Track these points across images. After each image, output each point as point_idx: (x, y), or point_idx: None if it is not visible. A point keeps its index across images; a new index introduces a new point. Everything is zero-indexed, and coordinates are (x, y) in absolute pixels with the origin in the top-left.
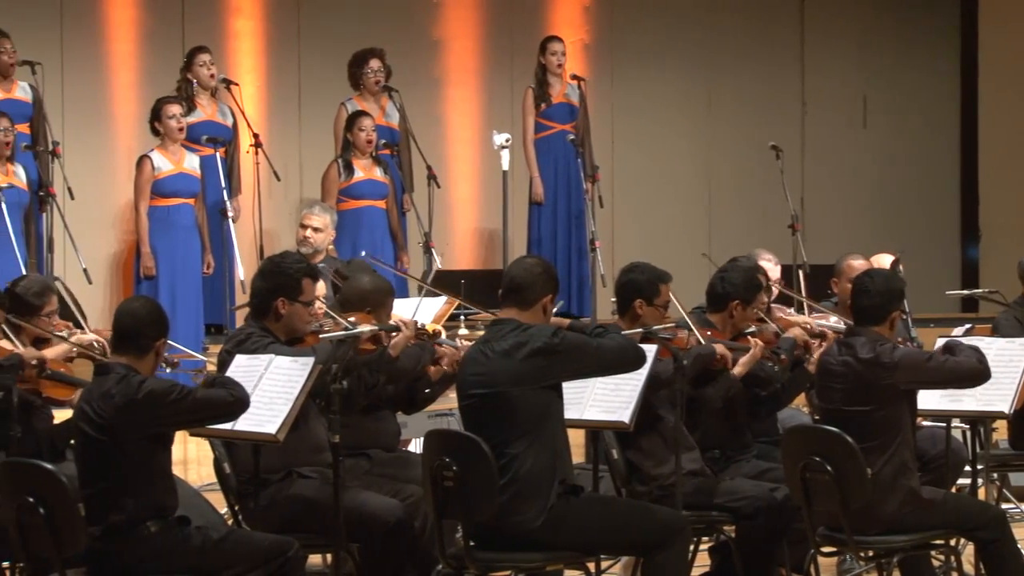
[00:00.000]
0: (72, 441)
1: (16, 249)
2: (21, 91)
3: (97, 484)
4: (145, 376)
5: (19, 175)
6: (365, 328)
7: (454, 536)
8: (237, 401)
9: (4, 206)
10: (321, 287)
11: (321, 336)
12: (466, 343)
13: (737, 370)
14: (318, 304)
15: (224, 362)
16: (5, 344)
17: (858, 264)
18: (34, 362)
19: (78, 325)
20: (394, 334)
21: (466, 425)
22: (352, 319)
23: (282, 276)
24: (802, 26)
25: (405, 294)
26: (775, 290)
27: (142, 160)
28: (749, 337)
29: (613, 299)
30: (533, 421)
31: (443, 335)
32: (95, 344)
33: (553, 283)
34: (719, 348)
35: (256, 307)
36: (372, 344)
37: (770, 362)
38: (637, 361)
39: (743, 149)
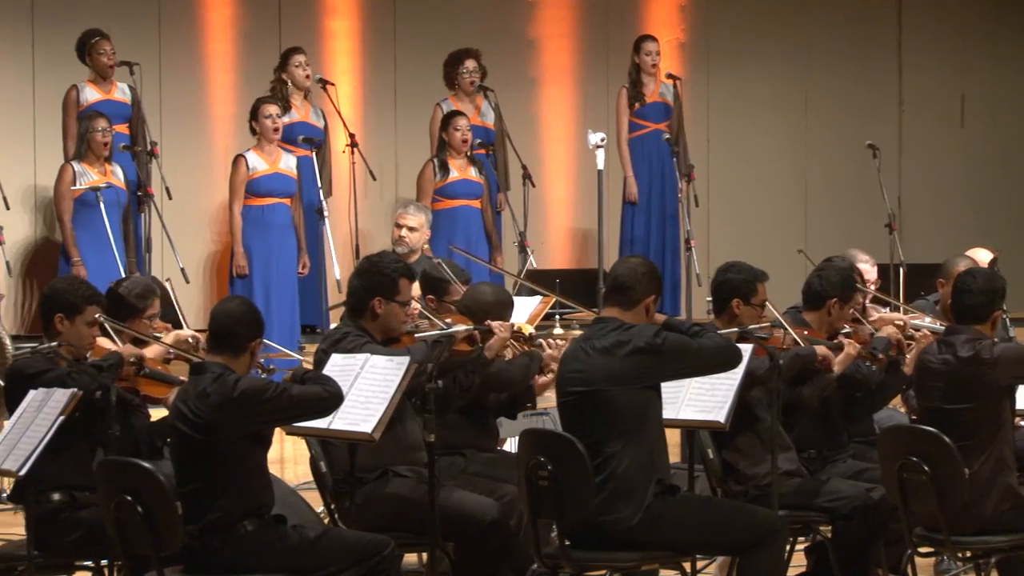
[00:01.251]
0: (168, 440)
1: (114, 249)
2: (120, 92)
3: (194, 483)
4: (240, 375)
5: (118, 175)
6: (460, 328)
7: (549, 535)
8: (332, 396)
9: (103, 206)
10: (416, 288)
11: (417, 336)
12: (561, 343)
13: (834, 370)
14: (414, 304)
15: (320, 361)
16: (105, 343)
17: (965, 266)
18: (132, 360)
19: (179, 326)
20: (491, 335)
21: (564, 423)
22: (448, 320)
23: (379, 275)
24: (899, 26)
25: None
26: (871, 290)
27: (237, 160)
28: (843, 337)
29: (709, 299)
30: (632, 420)
31: (535, 337)
32: (190, 340)
33: (657, 283)
34: (820, 350)
35: (353, 306)
36: (468, 345)
37: (867, 362)
38: (734, 361)
39: (839, 148)
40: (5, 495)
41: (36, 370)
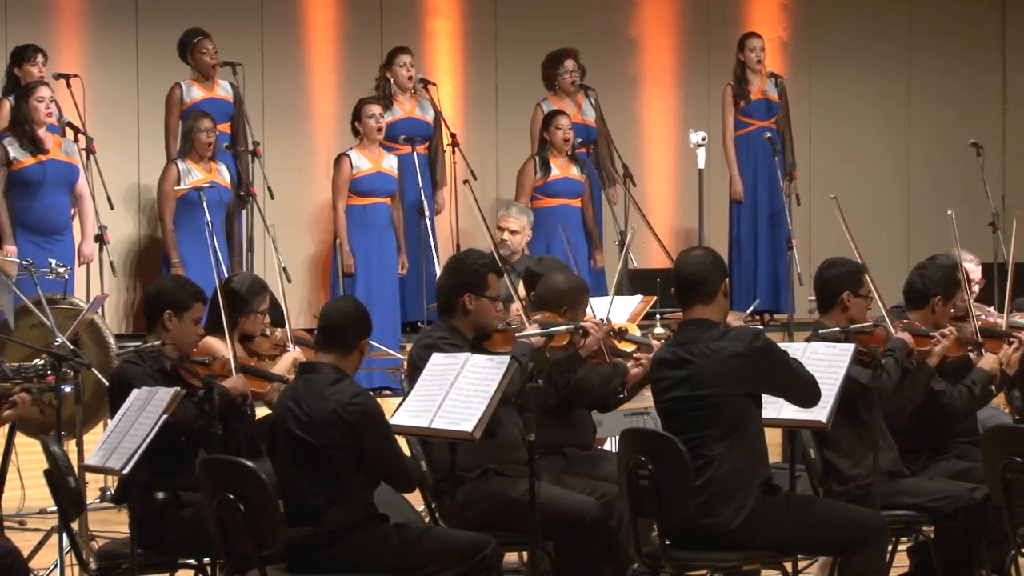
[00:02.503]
0: (267, 438)
1: (217, 248)
2: (222, 90)
3: (299, 482)
4: (361, 389)
5: (222, 174)
6: (560, 328)
7: (649, 535)
8: (411, 481)
9: (206, 205)
10: (520, 286)
11: (518, 335)
12: (656, 343)
13: (931, 361)
14: (515, 305)
15: (415, 364)
16: (212, 342)
17: None
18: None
19: (279, 324)
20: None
21: (665, 426)
22: (537, 317)
23: (467, 272)
24: (1004, 23)
25: (602, 291)
26: (976, 289)
27: (340, 159)
28: (935, 333)
29: (811, 298)
30: (733, 422)
31: (637, 333)
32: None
33: (725, 269)
34: (906, 337)
35: (443, 305)
36: (563, 343)
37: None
38: (816, 399)
39: (942, 147)
40: (108, 494)
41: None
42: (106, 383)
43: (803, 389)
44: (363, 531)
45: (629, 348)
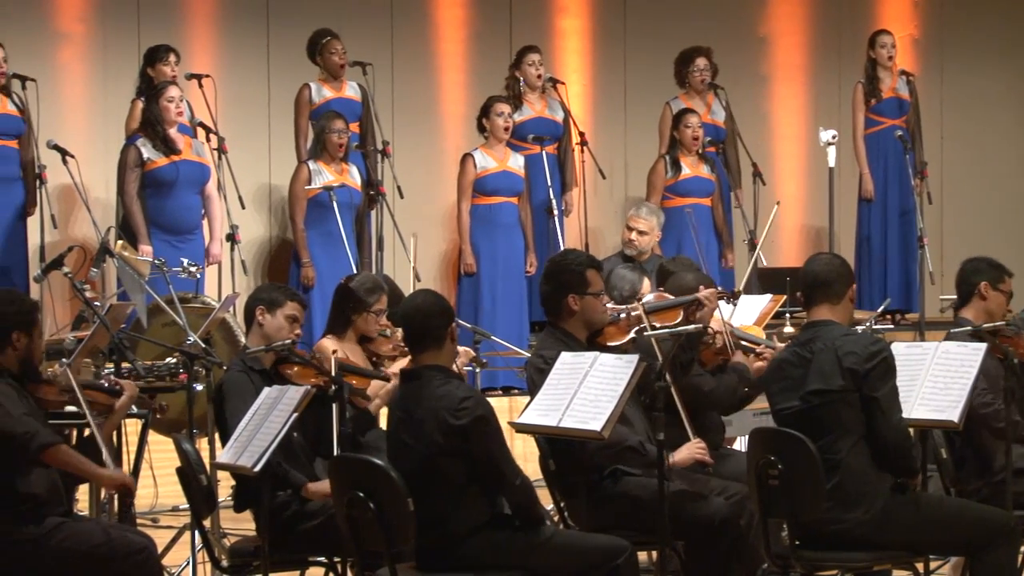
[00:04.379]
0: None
1: (347, 248)
2: (351, 90)
3: (417, 491)
4: (470, 390)
5: (352, 175)
6: (689, 328)
7: (779, 535)
8: (514, 495)
9: (336, 205)
10: (646, 285)
11: (649, 334)
12: (780, 344)
13: None
14: (638, 303)
15: (531, 384)
16: (326, 342)
17: None
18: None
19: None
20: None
21: (791, 425)
22: (650, 297)
23: (566, 273)
24: None
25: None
26: None
27: (465, 159)
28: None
29: (943, 297)
30: (857, 423)
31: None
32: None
33: (852, 273)
34: None
35: (550, 310)
36: (678, 320)
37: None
38: (897, 434)
39: None
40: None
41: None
42: None
43: (891, 415)
44: (487, 532)
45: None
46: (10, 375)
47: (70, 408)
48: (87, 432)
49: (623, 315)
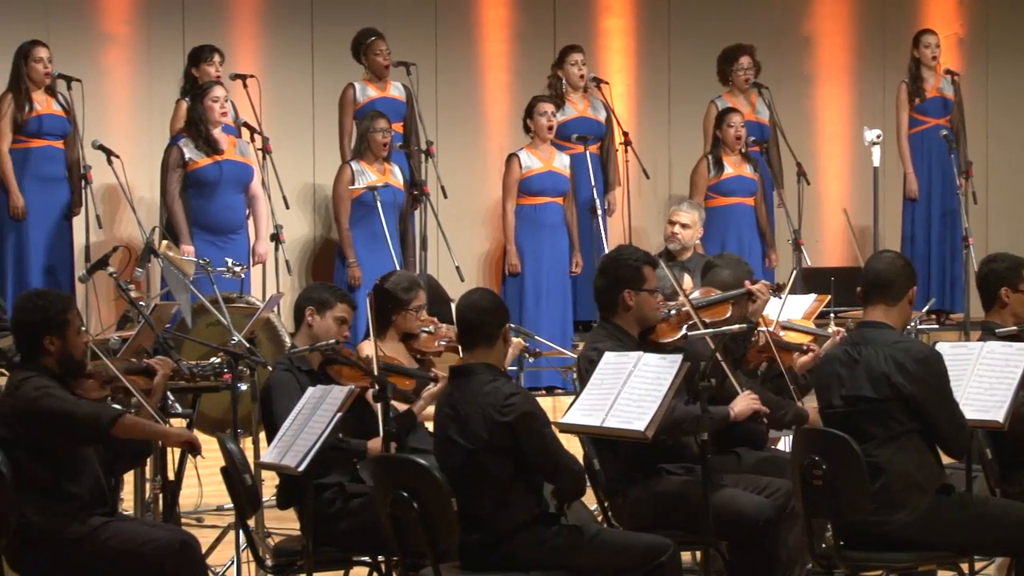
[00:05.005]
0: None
1: (391, 248)
2: (395, 90)
3: (462, 488)
4: (517, 387)
5: (395, 175)
6: (733, 327)
7: (823, 535)
8: (574, 481)
9: (380, 205)
10: (688, 282)
11: (690, 334)
12: (834, 329)
13: None
14: (682, 300)
15: (585, 369)
16: (366, 344)
17: None
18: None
19: (448, 321)
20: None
21: (836, 424)
22: (696, 295)
23: (623, 268)
24: None
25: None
26: None
27: (510, 159)
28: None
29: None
30: (908, 423)
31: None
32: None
33: (915, 276)
34: None
35: (603, 305)
36: (727, 315)
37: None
38: (958, 440)
39: None
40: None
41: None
42: None
43: (951, 422)
44: (532, 530)
45: (800, 340)
46: (52, 374)
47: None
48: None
49: (673, 312)
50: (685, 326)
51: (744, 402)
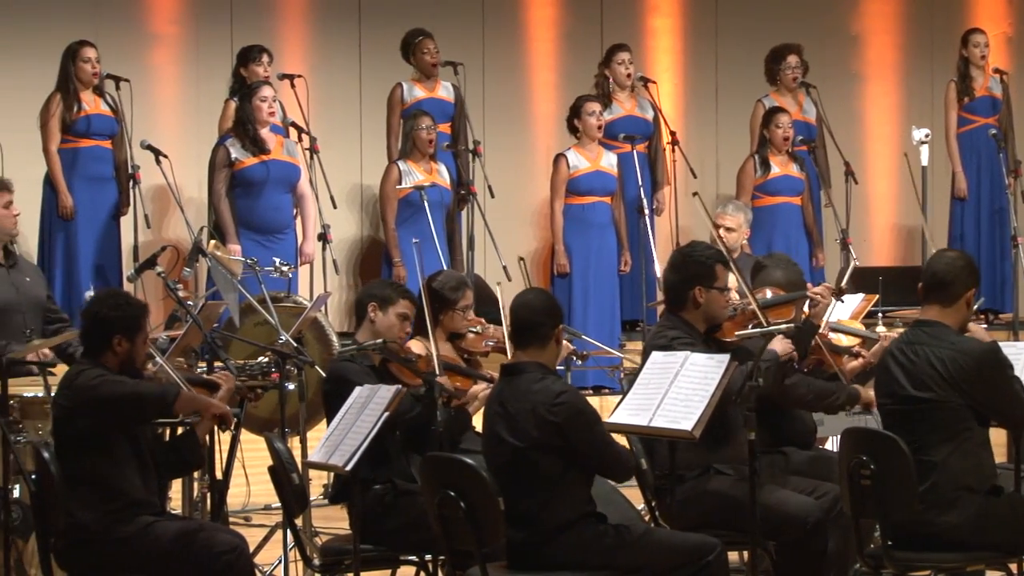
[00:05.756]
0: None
1: (438, 248)
2: (443, 90)
3: (510, 485)
4: (565, 385)
5: (442, 174)
6: (782, 326)
7: (871, 535)
8: (628, 470)
9: (427, 205)
10: (732, 280)
11: (738, 334)
12: (883, 331)
13: None
14: (734, 296)
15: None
16: (414, 343)
17: None
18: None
19: (497, 321)
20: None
21: (885, 425)
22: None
23: (695, 264)
24: None
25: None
26: None
27: (558, 159)
28: None
29: None
30: (959, 424)
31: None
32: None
33: (975, 277)
34: None
35: (672, 300)
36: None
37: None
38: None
39: None
40: (324, 493)
41: (358, 381)
42: None
43: (1016, 413)
44: (578, 529)
45: (850, 342)
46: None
47: None
48: (179, 430)
49: (738, 310)
50: (750, 325)
51: (780, 344)
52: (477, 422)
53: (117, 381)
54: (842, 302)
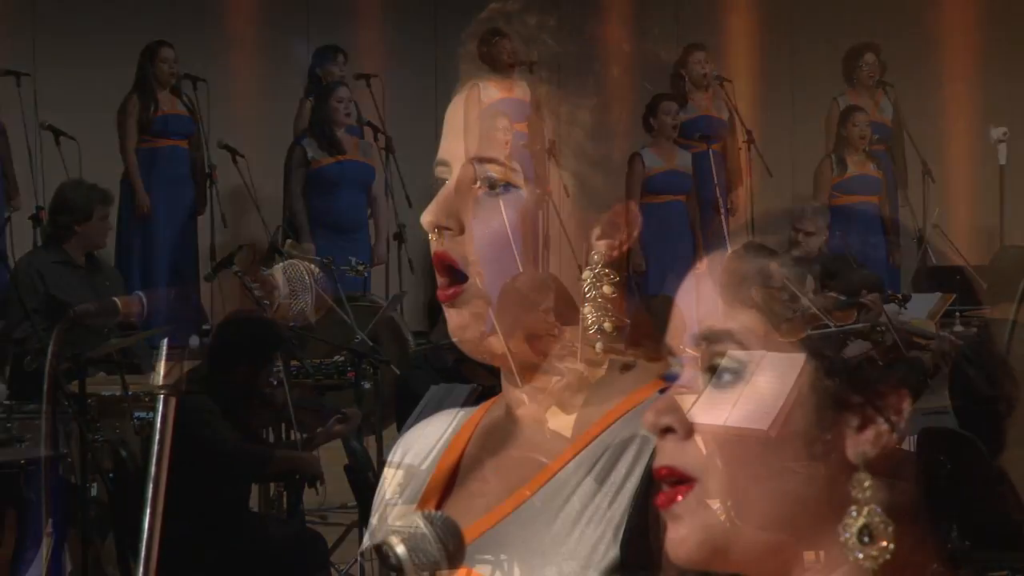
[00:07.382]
0: None
1: (514, 248)
2: (519, 91)
3: None
4: None
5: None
6: (853, 326)
7: (950, 535)
8: None
9: (502, 203)
10: (809, 283)
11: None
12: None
13: None
14: (804, 302)
15: None
16: (493, 341)
17: None
18: None
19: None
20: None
21: (960, 425)
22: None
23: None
24: None
25: (900, 290)
26: None
27: (633, 158)
28: None
29: None
30: None
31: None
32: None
33: None
34: None
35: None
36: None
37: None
38: None
39: None
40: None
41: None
42: None
43: None
44: None
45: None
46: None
47: None
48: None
49: (799, 312)
50: (808, 328)
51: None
52: None
53: (220, 437)
54: (905, 309)
